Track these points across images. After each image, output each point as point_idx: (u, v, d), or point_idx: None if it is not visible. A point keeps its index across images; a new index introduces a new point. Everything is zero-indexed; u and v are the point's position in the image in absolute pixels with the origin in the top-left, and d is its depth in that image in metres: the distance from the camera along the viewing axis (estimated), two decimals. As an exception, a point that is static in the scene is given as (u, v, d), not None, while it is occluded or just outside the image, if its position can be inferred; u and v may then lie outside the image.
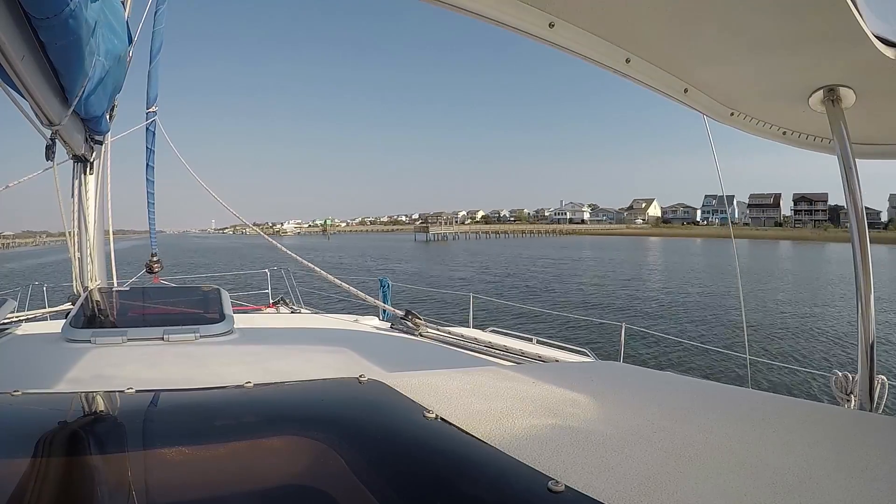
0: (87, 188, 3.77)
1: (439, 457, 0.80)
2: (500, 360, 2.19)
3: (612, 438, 0.87)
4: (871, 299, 1.36)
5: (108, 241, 4.08)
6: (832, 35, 1.16)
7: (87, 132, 3.41)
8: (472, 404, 1.03)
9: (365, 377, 1.16)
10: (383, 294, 5.94)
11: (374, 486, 0.73)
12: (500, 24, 1.19)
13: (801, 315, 16.19)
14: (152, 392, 1.10)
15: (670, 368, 8.44)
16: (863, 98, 1.41)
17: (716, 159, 2.25)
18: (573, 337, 10.85)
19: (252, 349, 2.34)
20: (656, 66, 1.45)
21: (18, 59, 1.66)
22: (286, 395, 1.14)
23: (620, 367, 1.71)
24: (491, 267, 33.79)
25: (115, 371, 1.85)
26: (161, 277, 5.34)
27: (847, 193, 1.39)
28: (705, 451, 0.82)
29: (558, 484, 0.67)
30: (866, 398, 1.35)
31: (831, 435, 0.96)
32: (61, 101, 2.30)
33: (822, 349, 11.99)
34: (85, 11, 1.82)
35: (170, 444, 0.84)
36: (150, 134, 4.94)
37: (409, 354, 2.41)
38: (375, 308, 3.62)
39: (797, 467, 0.77)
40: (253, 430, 0.92)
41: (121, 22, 2.68)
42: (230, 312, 2.68)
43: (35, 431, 0.86)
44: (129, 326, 2.41)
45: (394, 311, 3.10)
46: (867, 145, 1.72)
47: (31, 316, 3.37)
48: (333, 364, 2.08)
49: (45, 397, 1.17)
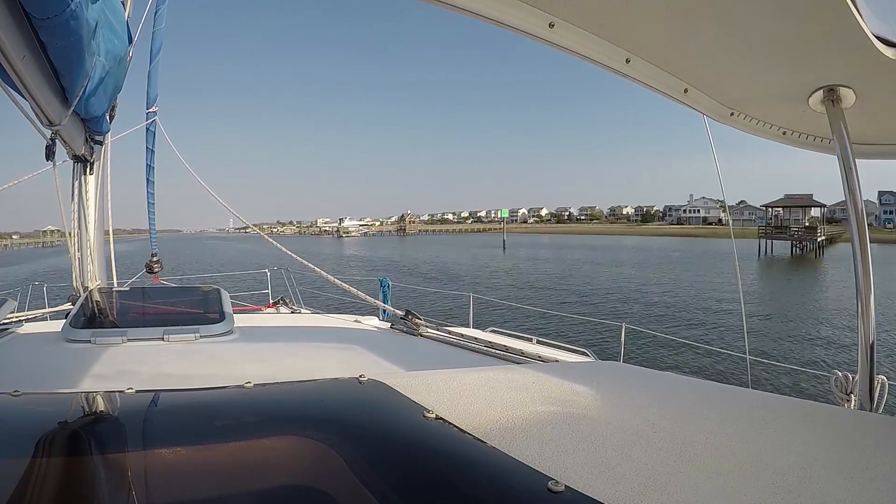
0: (87, 188, 3.77)
1: (439, 457, 0.80)
2: (500, 360, 2.19)
3: (612, 438, 0.87)
4: (871, 299, 1.36)
5: (108, 241, 4.09)
6: (832, 35, 1.16)
7: (87, 132, 3.41)
8: (472, 404, 1.03)
9: (365, 377, 1.16)
10: (383, 294, 5.94)
11: (374, 486, 0.73)
12: (500, 24, 1.19)
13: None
14: (152, 392, 1.10)
15: (670, 368, 8.43)
16: (863, 98, 1.41)
17: (716, 159, 2.25)
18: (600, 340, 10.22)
19: (252, 349, 2.34)
20: (656, 66, 1.45)
21: (19, 60, 1.66)
22: (286, 396, 1.14)
23: (620, 367, 1.71)
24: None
25: (115, 371, 1.85)
26: (161, 277, 5.34)
27: (847, 193, 1.39)
28: (705, 451, 0.82)
29: (558, 484, 0.67)
30: (866, 398, 1.35)
31: (831, 435, 0.96)
32: (61, 101, 2.30)
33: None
34: (85, 12, 1.82)
35: (170, 444, 0.84)
36: (150, 134, 4.95)
37: (409, 354, 2.41)
38: (375, 308, 3.62)
39: (797, 467, 0.77)
40: (253, 430, 0.92)
41: (121, 22, 2.68)
42: (230, 312, 2.69)
43: (35, 431, 0.86)
44: (129, 326, 2.41)
45: (394, 311, 3.10)
46: (867, 145, 1.72)
47: (31, 316, 3.37)
48: (333, 364, 2.08)
49: (45, 397, 1.17)
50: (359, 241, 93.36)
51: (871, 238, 1.42)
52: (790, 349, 12.89)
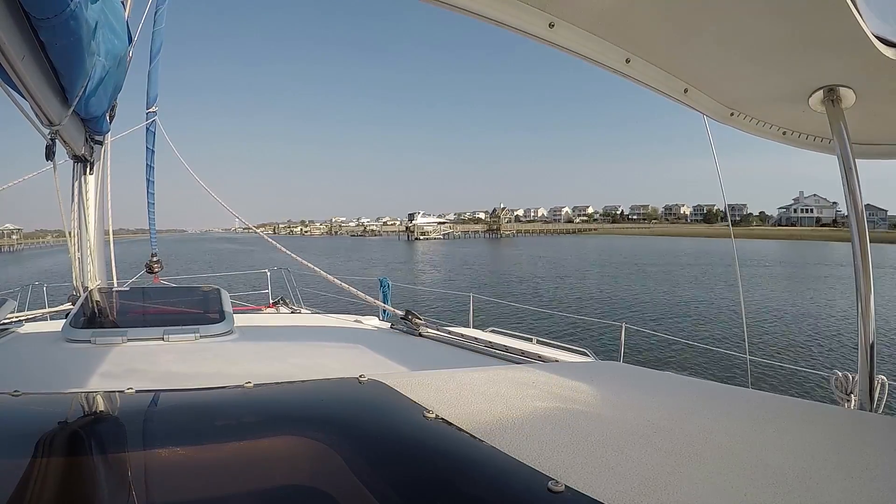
0: (87, 188, 3.77)
1: (439, 457, 0.80)
2: (500, 359, 2.19)
3: (612, 438, 0.87)
4: (871, 299, 1.36)
5: (108, 242, 4.09)
6: (832, 35, 1.16)
7: (87, 132, 3.42)
8: (472, 404, 1.03)
9: (365, 377, 1.16)
10: (383, 294, 5.94)
11: (374, 486, 0.73)
12: (501, 25, 1.19)
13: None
14: (152, 392, 1.10)
15: (670, 368, 8.42)
16: (863, 98, 1.41)
17: (716, 160, 2.25)
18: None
19: (252, 349, 2.34)
20: (656, 66, 1.45)
21: (19, 59, 1.66)
22: (286, 395, 1.14)
23: (620, 367, 1.71)
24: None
25: (115, 371, 1.85)
26: (161, 277, 5.34)
27: (847, 193, 1.39)
28: (705, 451, 0.82)
29: (558, 484, 0.67)
30: (866, 398, 1.35)
31: (831, 435, 0.96)
32: (61, 101, 2.30)
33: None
34: (85, 12, 1.82)
35: (170, 444, 0.84)
36: (150, 134, 4.95)
37: (409, 354, 2.41)
38: (375, 308, 3.62)
39: (797, 467, 0.77)
40: (253, 430, 0.92)
41: (121, 22, 2.68)
42: (230, 312, 2.69)
43: (35, 431, 0.86)
44: (130, 326, 2.41)
45: (394, 311, 3.10)
46: (867, 145, 1.72)
47: (31, 316, 3.37)
48: (333, 364, 2.08)
49: (46, 397, 1.17)
50: (450, 246, 66.15)
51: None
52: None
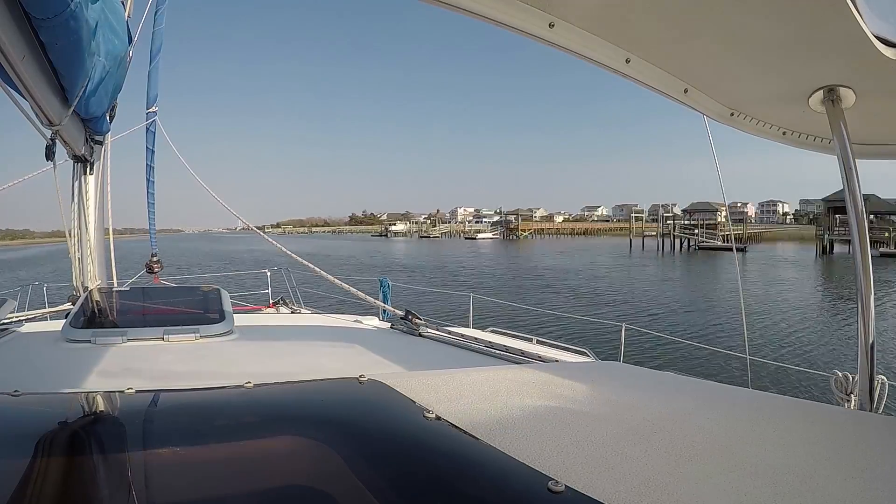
0: (87, 188, 3.77)
1: (439, 457, 0.80)
2: (500, 360, 2.19)
3: (612, 438, 0.87)
4: (871, 299, 1.36)
5: (108, 241, 4.09)
6: (832, 35, 1.16)
7: (87, 132, 3.42)
8: (472, 404, 1.03)
9: (365, 377, 1.16)
10: (383, 294, 5.93)
11: (374, 486, 0.73)
12: (500, 25, 1.19)
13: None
14: (152, 392, 1.10)
15: (670, 368, 8.40)
16: (863, 98, 1.41)
17: (716, 160, 2.25)
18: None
19: (252, 349, 2.34)
20: (656, 66, 1.45)
21: (19, 60, 1.67)
22: (286, 396, 1.14)
23: (620, 367, 1.71)
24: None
25: (115, 371, 1.85)
26: (161, 277, 5.34)
27: (847, 193, 1.40)
28: (705, 451, 0.82)
29: (558, 484, 0.67)
30: (866, 398, 1.35)
31: (831, 435, 0.96)
32: (61, 101, 2.30)
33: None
34: (85, 12, 1.82)
35: (170, 444, 0.84)
36: (150, 134, 4.95)
37: (409, 354, 2.41)
38: (375, 308, 3.62)
39: (797, 467, 0.77)
40: (253, 430, 0.92)
41: (121, 22, 2.68)
42: (230, 312, 2.69)
43: (35, 431, 0.86)
44: (130, 326, 2.41)
45: (394, 311, 3.10)
46: (867, 145, 1.72)
47: (31, 316, 3.37)
48: (333, 364, 2.08)
49: (46, 397, 1.17)
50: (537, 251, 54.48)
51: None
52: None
